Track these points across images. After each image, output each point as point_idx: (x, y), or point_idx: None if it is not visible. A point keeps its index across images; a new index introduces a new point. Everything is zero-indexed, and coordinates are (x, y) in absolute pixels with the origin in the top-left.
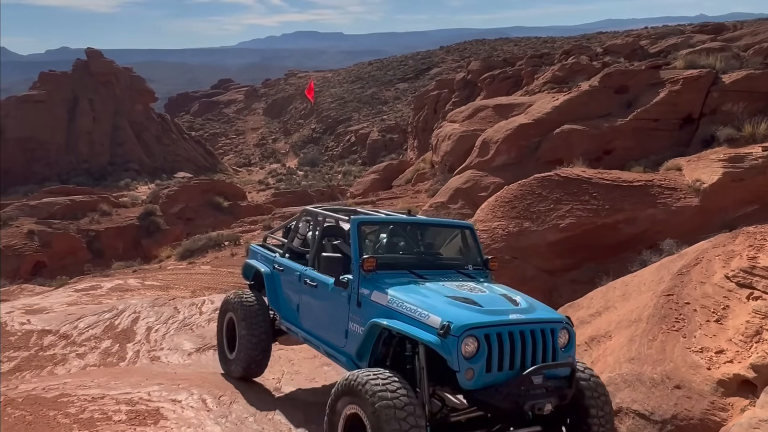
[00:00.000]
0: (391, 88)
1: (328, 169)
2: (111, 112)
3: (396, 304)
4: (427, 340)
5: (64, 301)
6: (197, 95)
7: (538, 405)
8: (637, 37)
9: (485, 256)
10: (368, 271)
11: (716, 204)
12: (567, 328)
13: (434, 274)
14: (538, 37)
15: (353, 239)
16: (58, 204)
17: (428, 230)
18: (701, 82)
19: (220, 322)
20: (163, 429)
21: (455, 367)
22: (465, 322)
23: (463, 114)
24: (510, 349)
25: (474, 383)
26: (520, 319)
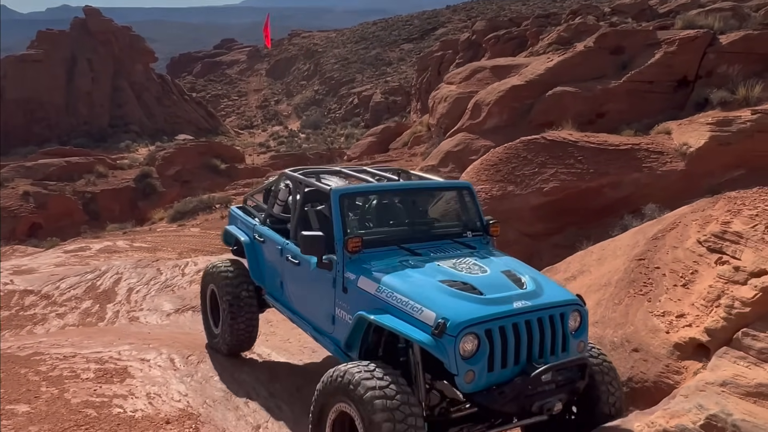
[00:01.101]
0: (396, 48)
1: (331, 132)
2: (110, 72)
3: (385, 294)
4: (420, 340)
5: (52, 262)
6: (200, 56)
7: (547, 405)
8: None
9: (486, 219)
10: (353, 252)
11: (702, 168)
12: (579, 309)
13: (429, 246)
14: None
15: (335, 215)
16: (54, 165)
17: (421, 195)
18: (697, 43)
19: (203, 294)
20: (128, 387)
21: (453, 370)
22: (463, 319)
23: (461, 75)
24: (515, 343)
25: (475, 385)
26: (526, 307)
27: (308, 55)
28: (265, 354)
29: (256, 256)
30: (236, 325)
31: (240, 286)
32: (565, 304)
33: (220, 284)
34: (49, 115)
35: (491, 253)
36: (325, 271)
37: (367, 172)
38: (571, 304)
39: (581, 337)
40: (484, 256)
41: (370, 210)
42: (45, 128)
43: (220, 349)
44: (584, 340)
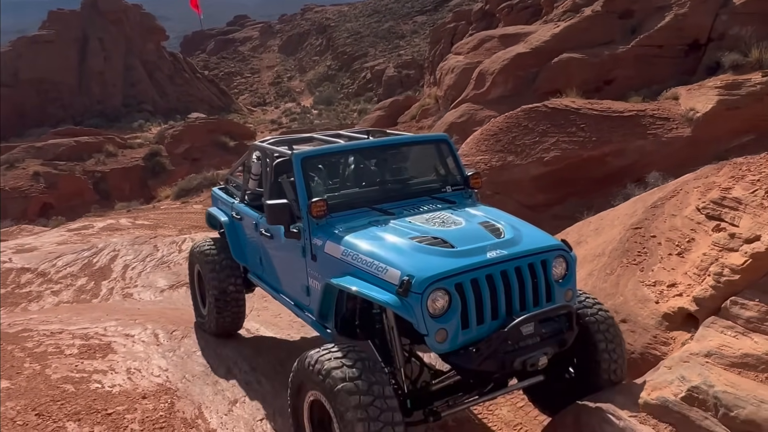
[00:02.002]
0: (409, 21)
1: (344, 108)
2: (122, 51)
3: (351, 257)
4: (385, 301)
5: (55, 240)
6: (213, 33)
7: (530, 360)
8: None
9: (467, 171)
10: (319, 217)
11: (709, 134)
12: (563, 255)
13: (403, 205)
14: None
15: (298, 179)
16: (64, 145)
17: (394, 152)
18: (709, 4)
19: (191, 274)
20: (109, 362)
21: (422, 330)
22: (429, 274)
23: (468, 45)
24: (491, 296)
25: (451, 344)
26: (501, 256)
27: (320, 30)
28: (254, 329)
29: (237, 235)
30: (221, 307)
31: (224, 267)
32: (546, 250)
33: (205, 265)
34: (63, 95)
35: (471, 206)
36: (295, 241)
37: (342, 135)
38: (553, 250)
39: (568, 285)
40: (462, 209)
41: (340, 173)
42: (59, 109)
43: (207, 329)
44: (572, 288)
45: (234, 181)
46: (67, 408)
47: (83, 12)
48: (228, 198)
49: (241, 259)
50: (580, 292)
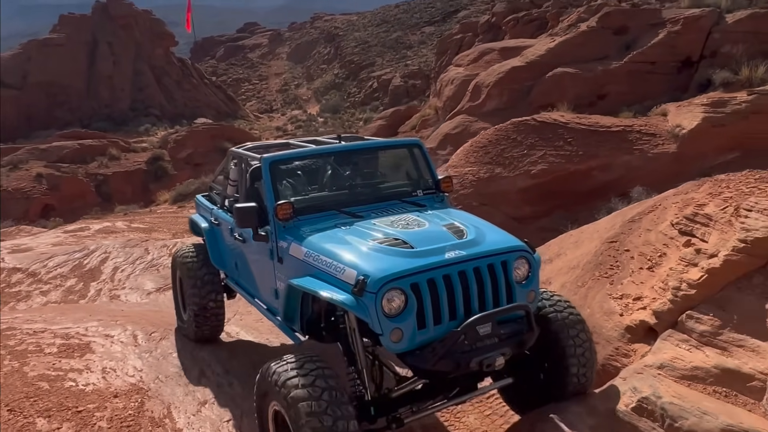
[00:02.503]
0: (417, 32)
1: (350, 116)
2: (131, 56)
3: (312, 258)
4: (341, 301)
5: (50, 241)
6: (223, 39)
7: (486, 360)
8: None
9: (438, 175)
10: (285, 220)
11: (694, 151)
12: (526, 257)
13: (372, 209)
14: None
15: (266, 182)
16: (68, 148)
17: (365, 156)
18: (702, 22)
19: (173, 279)
20: (86, 361)
21: (377, 329)
22: (384, 274)
23: (469, 57)
24: (449, 296)
25: (408, 344)
26: (459, 256)
27: (329, 39)
28: (234, 333)
29: (216, 241)
30: (201, 322)
31: (203, 272)
32: (507, 251)
33: (184, 270)
34: (71, 98)
35: (440, 209)
36: (264, 244)
37: (317, 141)
38: (515, 251)
39: (530, 286)
40: (431, 212)
41: (311, 177)
42: (67, 112)
43: (187, 335)
44: (535, 290)
45: (216, 188)
46: (39, 405)
47: (94, 16)
48: (209, 204)
49: (219, 265)
50: (552, 294)
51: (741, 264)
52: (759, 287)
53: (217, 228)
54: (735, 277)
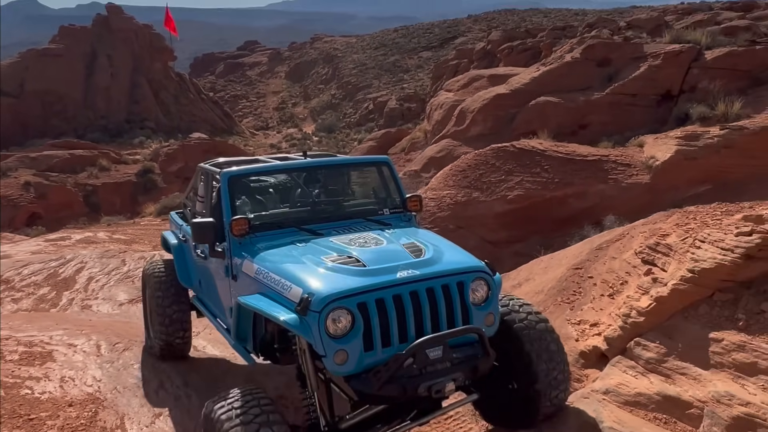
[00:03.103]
0: (414, 56)
1: (344, 136)
2: (129, 68)
3: (262, 276)
4: (285, 321)
5: (30, 249)
6: (223, 56)
7: (435, 386)
8: (662, 12)
9: (406, 194)
10: (240, 235)
11: (667, 182)
12: (485, 279)
13: (334, 227)
14: (569, 9)
15: (224, 197)
16: (58, 157)
17: (330, 173)
18: (682, 57)
19: (143, 294)
20: (45, 370)
21: (320, 350)
22: (329, 292)
23: (459, 83)
24: (399, 317)
25: (353, 367)
26: (412, 276)
27: (327, 60)
28: (201, 347)
29: (184, 258)
30: (164, 327)
31: (170, 288)
32: (464, 272)
33: (151, 284)
34: (67, 108)
35: (404, 228)
36: (221, 261)
37: (287, 158)
38: (472, 272)
39: (489, 309)
40: (393, 231)
41: (273, 193)
42: (62, 121)
43: (153, 351)
44: (494, 312)
45: (188, 204)
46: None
47: (94, 29)
48: (179, 221)
49: (186, 283)
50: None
51: (688, 293)
52: (704, 317)
53: (186, 245)
54: (682, 306)
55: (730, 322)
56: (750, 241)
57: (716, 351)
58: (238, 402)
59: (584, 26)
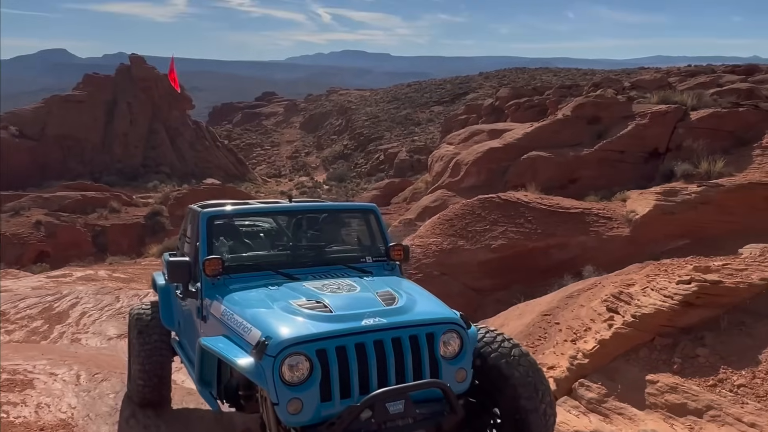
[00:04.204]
0: (426, 110)
1: (354, 185)
2: (148, 115)
3: (227, 317)
4: (239, 365)
5: (31, 285)
6: (241, 106)
7: None
8: (666, 74)
9: (390, 243)
10: (213, 276)
11: (646, 235)
12: (457, 331)
13: (312, 272)
14: (578, 69)
15: (201, 237)
16: (70, 198)
17: (314, 218)
18: (668, 117)
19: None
20: (24, 396)
21: (273, 398)
22: (286, 337)
23: (460, 136)
24: (361, 367)
25: (309, 418)
26: (377, 324)
27: (341, 111)
28: (179, 381)
29: (169, 299)
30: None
31: (152, 331)
32: (435, 323)
33: (134, 327)
34: (85, 151)
35: (386, 277)
36: (195, 302)
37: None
38: (444, 323)
39: (461, 364)
40: (372, 278)
41: (254, 236)
42: (80, 164)
43: (132, 398)
44: (466, 368)
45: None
46: None
47: (116, 77)
48: None
49: (169, 324)
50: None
51: (629, 337)
52: (644, 360)
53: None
54: (624, 349)
55: (666, 365)
56: (688, 289)
57: (651, 392)
58: None
59: (590, 85)
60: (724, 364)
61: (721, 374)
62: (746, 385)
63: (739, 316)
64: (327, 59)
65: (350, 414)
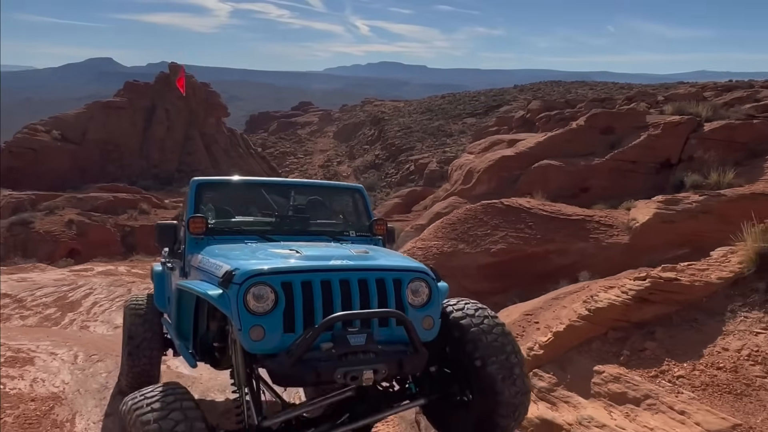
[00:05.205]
0: (459, 121)
1: (384, 195)
2: (184, 122)
3: (204, 264)
4: (208, 294)
5: (54, 277)
6: (277, 115)
7: (352, 373)
8: (702, 88)
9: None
10: (196, 234)
11: (645, 243)
12: (426, 280)
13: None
14: (615, 83)
15: (189, 201)
16: (102, 199)
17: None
18: (680, 128)
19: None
20: (22, 371)
21: (236, 323)
22: (253, 267)
23: (481, 146)
24: (326, 305)
25: (270, 346)
26: (345, 265)
27: (375, 122)
28: (174, 366)
29: (162, 284)
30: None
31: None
32: (403, 269)
33: (128, 316)
34: (123, 156)
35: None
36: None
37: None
38: (412, 271)
39: (428, 311)
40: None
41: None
42: (118, 168)
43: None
44: (433, 317)
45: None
46: None
47: (156, 85)
48: None
49: (161, 305)
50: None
51: (582, 330)
52: (595, 351)
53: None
54: (578, 341)
55: (615, 357)
56: (641, 285)
57: (597, 382)
58: (151, 393)
59: (624, 99)
60: (668, 356)
61: (664, 366)
62: (685, 376)
63: (694, 313)
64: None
65: (308, 337)
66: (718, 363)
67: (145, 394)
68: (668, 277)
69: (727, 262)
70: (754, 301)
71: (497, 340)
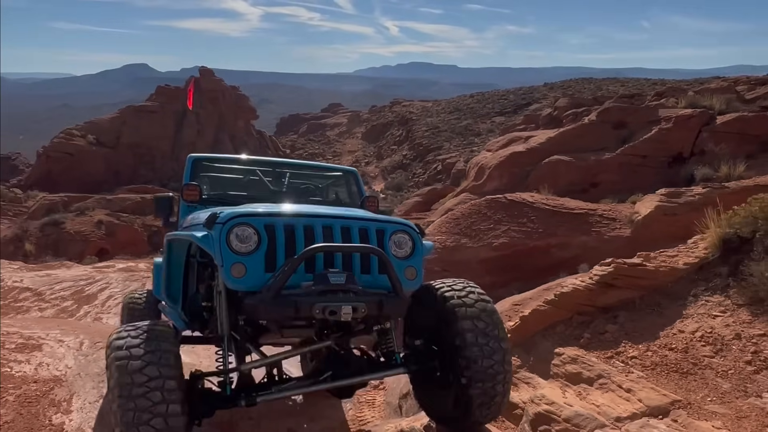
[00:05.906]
0: (487, 120)
1: (411, 195)
2: (214, 125)
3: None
4: (190, 234)
5: (76, 273)
6: (307, 117)
7: (330, 308)
8: (734, 83)
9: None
10: (190, 201)
11: (647, 236)
12: (409, 233)
13: None
14: (648, 79)
15: (186, 173)
16: (131, 200)
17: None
18: (692, 122)
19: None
20: (29, 356)
21: (218, 260)
22: (238, 212)
23: (499, 143)
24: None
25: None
26: (329, 213)
27: (403, 122)
28: None
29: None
30: None
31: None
32: (386, 222)
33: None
34: (155, 159)
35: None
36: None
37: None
38: (395, 224)
39: (411, 262)
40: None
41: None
42: (150, 171)
43: None
44: (416, 267)
45: None
46: None
47: (186, 89)
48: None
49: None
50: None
51: (547, 314)
52: (559, 335)
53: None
54: (543, 326)
55: (576, 340)
56: (605, 270)
57: (556, 363)
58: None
59: (653, 95)
60: (626, 339)
61: (620, 348)
62: (638, 356)
63: (658, 298)
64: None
65: (288, 268)
66: (671, 344)
67: (130, 332)
68: (632, 263)
69: (695, 248)
70: (716, 285)
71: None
